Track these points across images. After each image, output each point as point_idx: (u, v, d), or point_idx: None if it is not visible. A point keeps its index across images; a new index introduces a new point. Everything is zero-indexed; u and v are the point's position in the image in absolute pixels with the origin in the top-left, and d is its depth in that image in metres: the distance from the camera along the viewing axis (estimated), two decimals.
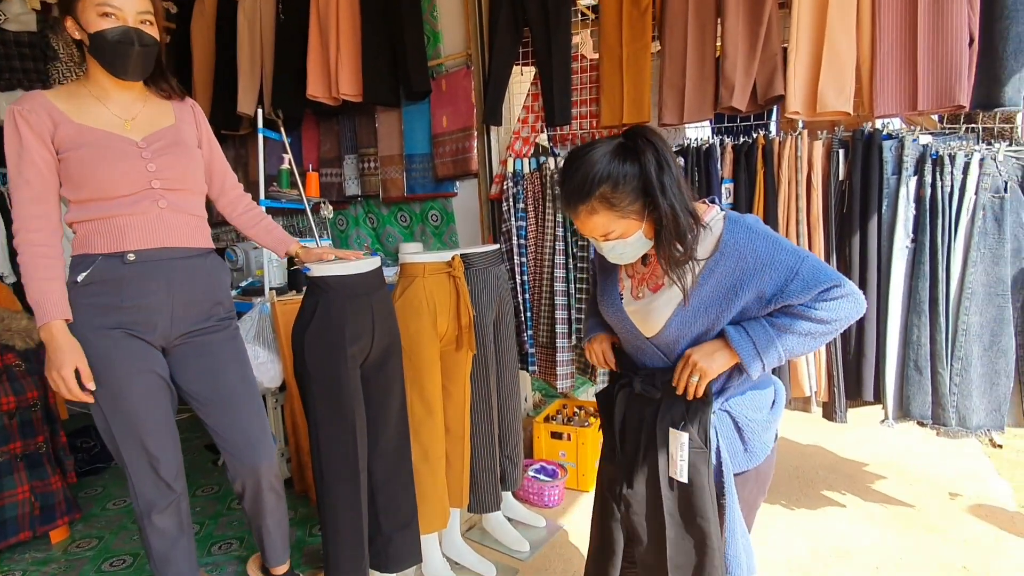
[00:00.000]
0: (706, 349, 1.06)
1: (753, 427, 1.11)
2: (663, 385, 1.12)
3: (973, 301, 1.75)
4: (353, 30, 2.70)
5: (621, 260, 1.13)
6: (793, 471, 2.62)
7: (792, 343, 1.02)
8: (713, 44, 2.05)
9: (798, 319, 1.01)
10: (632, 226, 1.06)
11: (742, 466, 1.12)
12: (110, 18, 1.25)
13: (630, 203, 1.03)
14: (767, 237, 1.03)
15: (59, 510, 2.01)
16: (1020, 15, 1.62)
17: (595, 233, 1.08)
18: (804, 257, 1.01)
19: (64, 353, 1.24)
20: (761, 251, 1.02)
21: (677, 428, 1.09)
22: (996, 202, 1.73)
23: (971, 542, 2.05)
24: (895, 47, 1.76)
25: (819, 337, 1.02)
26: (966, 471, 2.60)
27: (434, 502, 1.82)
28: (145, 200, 1.34)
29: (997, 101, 1.66)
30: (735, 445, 1.11)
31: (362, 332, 1.55)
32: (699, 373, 1.05)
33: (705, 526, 1.07)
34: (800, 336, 1.02)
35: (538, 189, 2.36)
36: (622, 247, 1.09)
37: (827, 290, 0.99)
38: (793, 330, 1.01)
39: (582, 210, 1.06)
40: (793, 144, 1.92)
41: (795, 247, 1.03)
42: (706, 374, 1.05)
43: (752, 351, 1.02)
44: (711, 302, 1.05)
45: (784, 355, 1.03)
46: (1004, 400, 1.77)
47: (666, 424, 1.10)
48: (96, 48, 1.27)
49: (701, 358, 1.05)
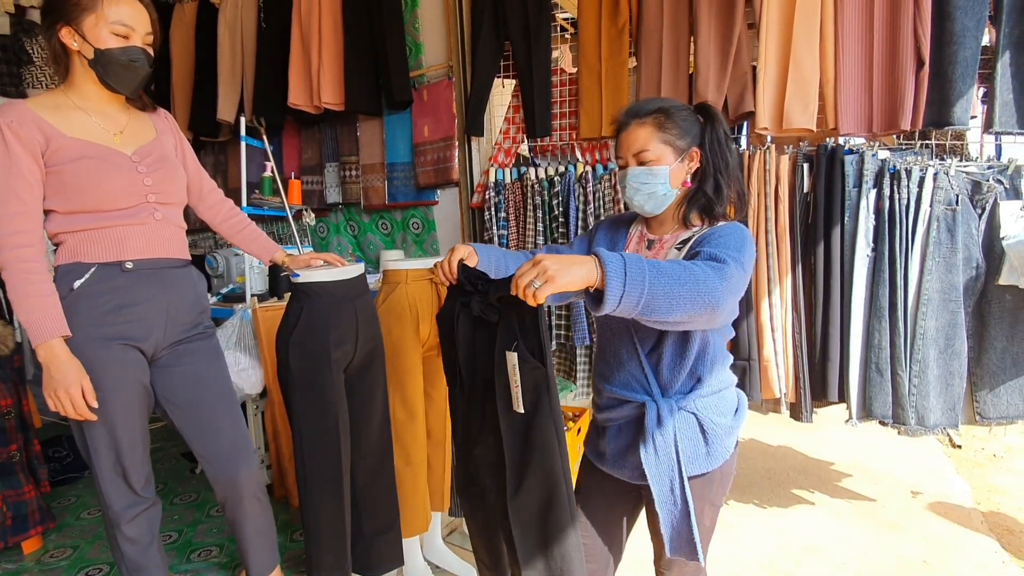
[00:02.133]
0: (564, 259, 0.89)
1: (716, 431, 1.13)
2: (501, 302, 1.01)
3: (929, 307, 1.85)
4: (335, 39, 2.73)
5: (635, 197, 1.13)
6: (764, 472, 2.71)
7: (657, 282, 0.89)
8: (687, 61, 2.14)
9: (676, 264, 0.93)
10: (667, 156, 1.10)
11: (703, 468, 1.14)
12: (121, 38, 1.27)
13: (677, 136, 1.10)
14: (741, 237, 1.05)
15: (32, 520, 1.97)
16: (967, 41, 1.74)
17: (632, 148, 1.12)
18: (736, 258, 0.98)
19: (70, 372, 1.23)
20: (726, 234, 1.05)
21: (510, 349, 0.96)
22: (949, 214, 1.84)
23: (932, 538, 2.15)
24: (856, 71, 1.89)
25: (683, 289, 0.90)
26: (927, 471, 2.71)
27: (416, 506, 1.84)
28: (143, 212, 1.35)
29: (947, 120, 1.78)
30: (698, 447, 1.13)
31: (346, 337, 1.58)
32: (545, 279, 0.87)
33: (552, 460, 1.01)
34: (666, 277, 0.89)
35: (519, 198, 2.41)
36: (645, 177, 1.11)
37: (716, 259, 0.96)
38: (663, 270, 0.90)
39: (633, 124, 1.12)
40: (762, 158, 2.02)
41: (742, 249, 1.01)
42: (552, 281, 0.86)
43: (619, 273, 0.87)
44: None
45: (645, 291, 0.88)
46: (958, 400, 1.88)
47: (502, 346, 0.99)
48: (101, 63, 1.28)
49: (553, 263, 0.87)
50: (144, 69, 1.32)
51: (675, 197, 1.14)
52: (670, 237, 1.17)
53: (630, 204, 1.16)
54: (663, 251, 1.16)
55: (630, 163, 1.13)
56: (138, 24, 1.29)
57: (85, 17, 1.25)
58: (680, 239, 1.14)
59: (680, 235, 1.15)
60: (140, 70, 1.32)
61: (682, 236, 1.14)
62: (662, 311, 0.90)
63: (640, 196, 1.13)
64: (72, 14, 1.25)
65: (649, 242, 1.20)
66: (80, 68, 1.31)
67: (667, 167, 1.10)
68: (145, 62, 1.32)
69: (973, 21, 1.75)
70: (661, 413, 1.11)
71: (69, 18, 1.26)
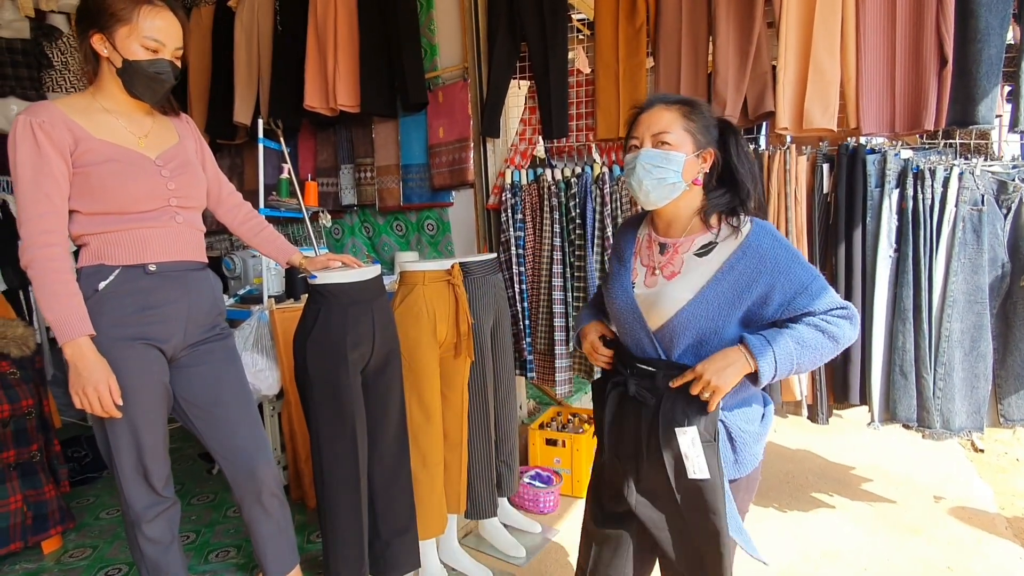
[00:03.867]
0: (717, 363, 1.02)
1: (745, 438, 1.12)
2: (662, 388, 1.10)
3: (955, 309, 1.82)
4: (351, 42, 2.74)
5: (644, 180, 1.09)
6: (784, 475, 2.68)
7: (803, 356, 1.02)
8: (705, 61, 2.12)
9: (813, 330, 1.02)
10: (687, 144, 1.09)
11: (732, 474, 1.13)
12: (151, 51, 1.29)
13: (699, 131, 1.10)
14: (788, 248, 1.07)
15: (52, 520, 1.99)
16: (992, 39, 1.71)
17: (653, 128, 1.09)
18: (815, 276, 1.05)
19: (98, 370, 1.24)
20: (781, 258, 1.04)
21: (682, 426, 1.06)
22: (974, 214, 1.81)
23: (955, 543, 2.11)
24: (878, 70, 1.86)
25: (825, 353, 1.04)
26: (949, 474, 2.67)
27: (432, 508, 1.83)
28: (165, 215, 1.37)
29: (972, 119, 1.75)
30: (727, 455, 1.12)
31: (363, 339, 1.58)
32: (712, 390, 1.01)
33: (717, 522, 1.06)
34: (810, 350, 1.02)
35: (536, 200, 2.40)
36: (660, 159, 1.08)
37: (841, 307, 1.04)
38: (806, 343, 1.01)
39: (658, 105, 1.11)
40: (781, 158, 1.99)
41: (810, 265, 1.07)
42: (719, 391, 1.01)
43: (771, 359, 1.00)
44: (724, 299, 1.06)
45: (795, 367, 1.02)
46: (983, 403, 1.85)
47: (669, 423, 1.08)
48: (129, 73, 1.30)
49: (713, 374, 1.01)
50: (169, 82, 1.35)
51: (683, 193, 1.11)
52: (685, 240, 1.14)
53: (634, 189, 1.12)
54: (678, 255, 1.13)
55: (646, 143, 1.10)
56: (169, 39, 1.31)
57: (119, 28, 1.27)
58: (699, 245, 1.12)
59: (697, 238, 1.13)
60: (165, 83, 1.34)
61: (700, 240, 1.12)
62: (813, 365, 1.05)
63: (650, 180, 1.08)
64: (106, 24, 1.27)
65: (661, 246, 1.16)
66: (108, 74, 1.33)
67: (684, 155, 1.08)
68: (171, 75, 1.34)
69: (997, 19, 1.72)
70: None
71: (102, 26, 1.27)
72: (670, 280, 1.12)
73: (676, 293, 1.09)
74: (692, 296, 1.07)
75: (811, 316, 1.04)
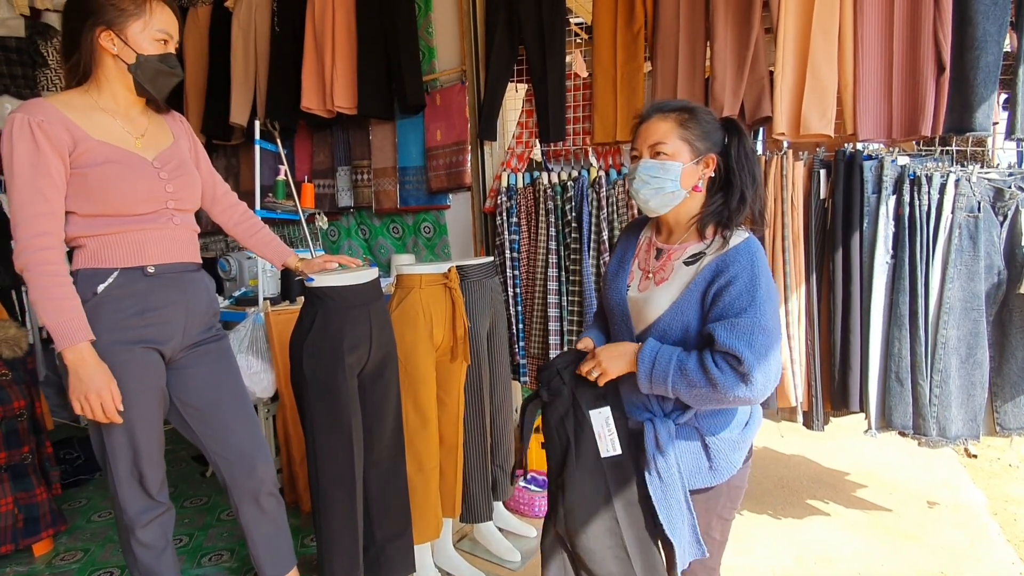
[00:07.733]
0: (613, 352, 1.12)
1: (720, 446, 1.10)
2: (569, 379, 1.18)
3: (951, 316, 1.82)
4: (349, 43, 2.73)
5: (642, 190, 1.11)
6: (778, 481, 2.68)
7: (679, 383, 1.03)
8: (703, 66, 2.12)
9: (698, 366, 1.01)
10: (683, 153, 1.09)
11: (707, 482, 1.11)
12: (162, 44, 1.30)
13: (697, 137, 1.10)
14: (758, 276, 1.03)
15: (44, 522, 1.98)
16: (989, 46, 1.71)
17: (650, 140, 1.11)
18: (757, 320, 1.00)
19: (99, 376, 1.22)
20: (743, 276, 1.02)
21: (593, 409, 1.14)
22: (971, 221, 1.82)
23: (948, 549, 2.11)
24: (875, 76, 1.87)
25: (701, 393, 1.02)
26: (943, 481, 2.67)
27: (427, 512, 1.82)
28: (163, 217, 1.36)
29: (969, 126, 1.75)
30: (700, 462, 1.11)
31: (360, 342, 1.57)
32: (600, 371, 1.12)
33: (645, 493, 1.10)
34: (686, 381, 1.02)
35: (531, 203, 2.40)
36: (656, 170, 1.10)
37: (735, 357, 0.98)
38: (686, 373, 1.02)
39: (655, 116, 1.12)
40: (778, 163, 2.00)
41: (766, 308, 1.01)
42: (606, 373, 1.12)
43: (647, 369, 1.06)
44: (694, 309, 1.07)
45: (669, 389, 1.04)
46: (980, 410, 1.85)
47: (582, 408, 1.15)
48: (142, 68, 1.30)
49: (605, 359, 1.12)
50: (179, 75, 1.37)
51: (683, 200, 1.12)
52: (679, 248, 1.15)
53: (635, 197, 1.15)
54: (670, 263, 1.15)
55: (644, 155, 1.13)
56: (174, 32, 1.34)
57: (131, 23, 1.26)
58: (689, 253, 1.13)
59: (689, 247, 1.14)
60: (176, 75, 1.36)
61: (691, 250, 1.13)
62: (691, 403, 1.06)
63: (647, 190, 1.12)
64: (115, 19, 1.25)
65: (658, 251, 1.19)
66: (113, 71, 1.31)
67: (680, 164, 1.09)
68: (180, 68, 1.36)
69: (995, 26, 1.72)
70: (659, 435, 1.10)
71: (111, 22, 1.25)
72: (659, 286, 1.14)
73: (660, 299, 1.12)
74: (669, 304, 1.10)
75: (712, 347, 1.02)
